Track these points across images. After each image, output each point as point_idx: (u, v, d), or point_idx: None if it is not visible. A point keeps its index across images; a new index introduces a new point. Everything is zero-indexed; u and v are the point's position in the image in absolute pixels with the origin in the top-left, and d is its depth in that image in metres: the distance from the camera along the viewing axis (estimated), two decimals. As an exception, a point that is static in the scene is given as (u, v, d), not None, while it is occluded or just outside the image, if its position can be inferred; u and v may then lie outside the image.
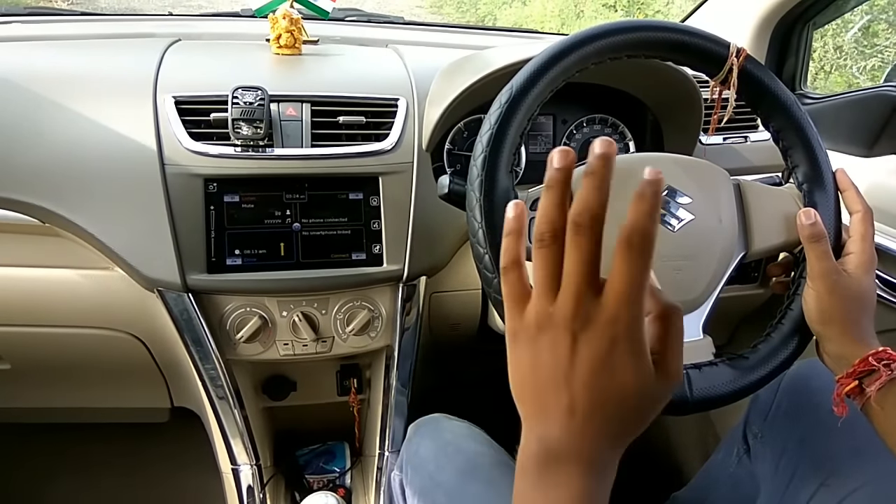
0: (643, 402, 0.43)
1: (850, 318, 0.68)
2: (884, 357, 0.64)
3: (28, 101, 0.97)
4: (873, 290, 0.69)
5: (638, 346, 0.41)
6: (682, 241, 0.72)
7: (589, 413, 0.42)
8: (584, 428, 0.42)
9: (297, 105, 1.00)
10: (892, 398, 0.63)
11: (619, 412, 0.42)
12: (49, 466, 1.49)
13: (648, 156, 0.79)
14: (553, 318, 0.42)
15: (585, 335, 0.41)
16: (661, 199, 0.43)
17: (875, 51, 3.43)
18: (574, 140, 1.18)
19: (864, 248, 0.70)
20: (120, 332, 1.05)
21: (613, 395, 0.42)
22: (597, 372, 0.41)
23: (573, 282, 0.42)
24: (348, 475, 1.23)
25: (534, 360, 0.43)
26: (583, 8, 5.91)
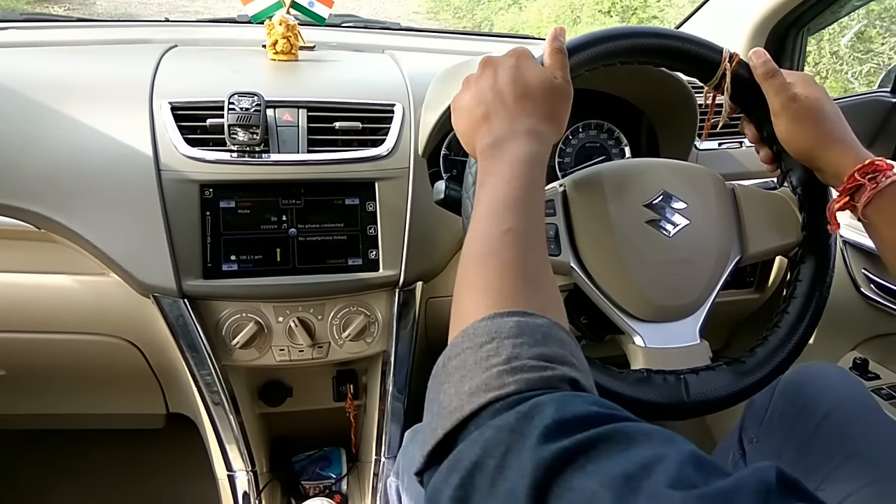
0: (552, 92, 0.62)
1: (825, 135, 0.69)
2: (869, 170, 0.65)
3: (24, 107, 0.97)
4: (829, 101, 0.70)
5: (534, 60, 0.64)
6: (678, 245, 0.72)
7: (518, 98, 0.60)
8: (516, 110, 0.59)
9: (294, 111, 1.00)
10: (877, 209, 0.64)
11: (540, 95, 0.60)
12: (45, 473, 1.49)
13: (643, 161, 0.79)
14: (482, 64, 0.64)
15: (500, 63, 0.62)
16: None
17: (870, 56, 3.44)
18: (570, 145, 1.18)
19: (795, 72, 0.72)
20: (115, 338, 1.05)
21: (528, 83, 0.61)
22: (512, 75, 0.61)
23: None
24: (344, 481, 1.22)
25: (475, 94, 0.62)
26: (579, 14, 5.93)
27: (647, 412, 0.68)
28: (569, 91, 0.64)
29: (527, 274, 0.47)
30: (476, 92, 0.62)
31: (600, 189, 0.73)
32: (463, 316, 0.45)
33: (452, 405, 0.39)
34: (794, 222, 0.77)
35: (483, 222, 0.51)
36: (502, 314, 0.43)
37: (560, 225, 0.72)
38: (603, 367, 0.68)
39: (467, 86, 0.64)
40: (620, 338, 0.75)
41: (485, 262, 0.48)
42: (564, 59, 0.65)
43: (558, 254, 0.71)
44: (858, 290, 1.14)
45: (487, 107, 0.60)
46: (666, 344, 0.72)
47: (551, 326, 0.43)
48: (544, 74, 0.62)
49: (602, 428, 0.34)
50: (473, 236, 0.51)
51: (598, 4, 5.85)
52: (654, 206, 0.73)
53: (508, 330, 0.41)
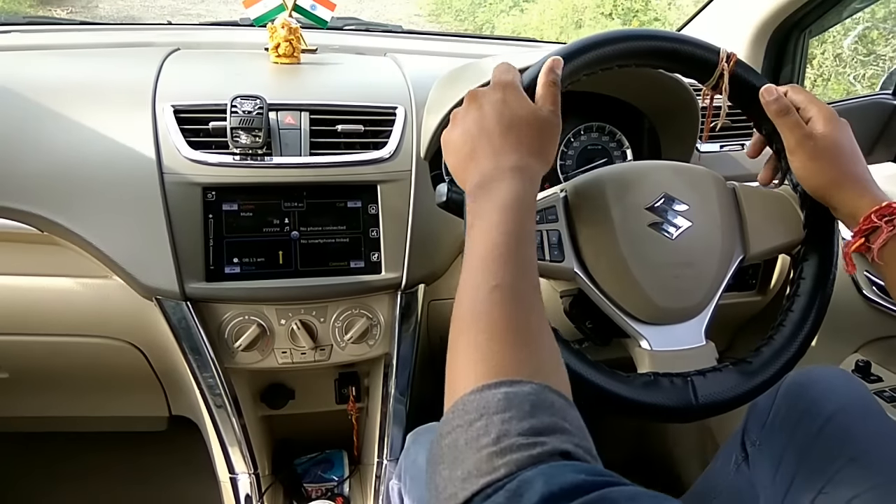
0: (540, 126, 0.61)
1: (842, 174, 0.68)
2: (886, 213, 0.64)
3: (27, 110, 0.97)
4: (851, 140, 0.69)
5: (521, 92, 0.63)
6: (681, 247, 0.72)
7: (503, 133, 0.59)
8: (502, 146, 0.59)
9: (296, 113, 1.00)
10: (893, 252, 0.63)
11: (526, 129, 0.60)
12: (47, 475, 1.49)
13: (644, 164, 0.79)
14: (468, 98, 0.63)
15: (486, 97, 0.62)
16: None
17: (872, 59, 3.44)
18: (572, 148, 1.18)
19: (818, 106, 0.70)
20: (118, 340, 1.05)
21: (516, 119, 0.60)
22: (499, 109, 0.60)
23: None
24: (346, 484, 1.22)
25: (462, 131, 0.62)
26: (581, 16, 5.94)
27: (655, 415, 0.68)
28: (557, 124, 0.63)
29: (515, 334, 0.46)
30: (463, 128, 0.62)
31: (602, 193, 0.73)
32: (454, 385, 0.45)
33: (448, 491, 0.40)
34: (796, 220, 0.76)
35: (471, 277, 0.51)
36: (490, 386, 0.43)
37: (563, 230, 0.72)
38: (610, 371, 0.68)
39: (454, 121, 0.64)
40: (626, 341, 0.75)
41: (473, 325, 0.48)
42: (557, 94, 0.64)
43: (562, 260, 0.71)
44: (861, 292, 1.14)
45: (474, 143, 0.60)
46: (672, 346, 0.72)
47: (540, 392, 0.43)
48: (531, 107, 0.62)
49: (589, 496, 0.34)
50: (462, 293, 0.51)
51: (599, 7, 5.85)
52: (655, 209, 0.73)
53: (496, 404, 0.41)
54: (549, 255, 0.70)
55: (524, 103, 0.62)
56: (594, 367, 0.67)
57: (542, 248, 0.70)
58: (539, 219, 0.70)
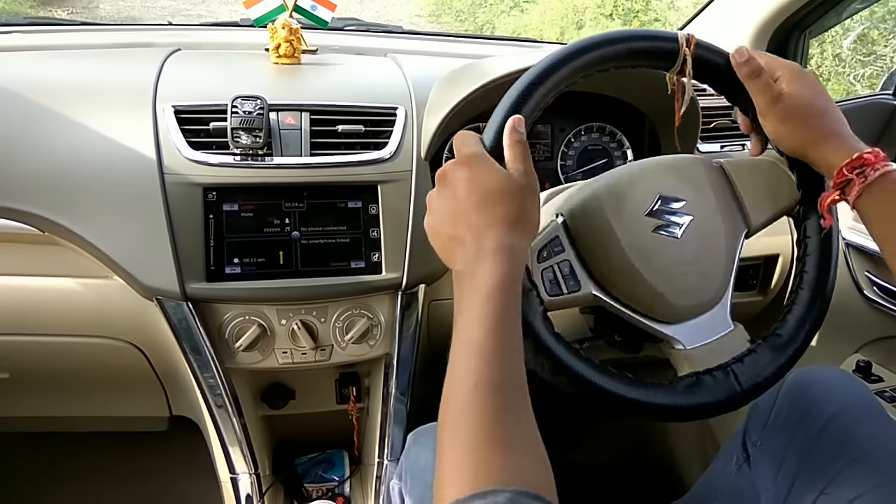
0: (514, 193, 0.58)
1: (814, 132, 0.68)
2: (857, 165, 0.64)
3: (28, 111, 0.97)
4: (819, 94, 0.68)
5: (488, 161, 0.60)
6: (689, 242, 0.72)
7: (478, 211, 0.57)
8: (480, 224, 0.57)
9: (297, 114, 1.00)
10: (867, 203, 0.64)
11: (500, 202, 0.57)
12: (48, 475, 1.49)
13: (632, 169, 0.77)
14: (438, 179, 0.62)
15: (454, 176, 0.60)
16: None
17: (872, 58, 3.44)
18: (572, 148, 1.18)
19: (783, 65, 0.70)
20: (118, 340, 1.05)
21: (487, 193, 0.58)
22: (468, 187, 0.58)
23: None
24: (347, 484, 1.22)
25: (438, 217, 0.60)
26: (582, 17, 5.94)
27: (705, 414, 0.69)
28: (534, 185, 0.61)
29: (493, 437, 0.46)
30: (438, 213, 0.61)
31: (599, 211, 0.72)
32: (437, 491, 0.45)
33: None
34: (789, 182, 0.76)
35: (453, 375, 0.51)
36: (463, 501, 0.42)
37: (572, 259, 0.71)
38: (652, 385, 0.68)
39: (430, 207, 0.62)
40: (660, 346, 0.75)
41: (453, 428, 0.48)
42: (525, 151, 0.62)
43: (579, 289, 0.70)
44: (861, 292, 1.14)
45: (451, 228, 0.59)
46: (704, 339, 0.72)
47: (516, 499, 0.42)
48: (501, 176, 0.59)
49: None
50: (445, 391, 0.50)
51: (600, 7, 5.85)
52: (655, 213, 0.72)
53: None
54: (565, 287, 0.70)
55: (493, 174, 0.59)
56: (634, 384, 0.67)
57: (557, 283, 0.70)
58: (546, 254, 0.70)
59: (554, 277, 0.70)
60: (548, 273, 0.70)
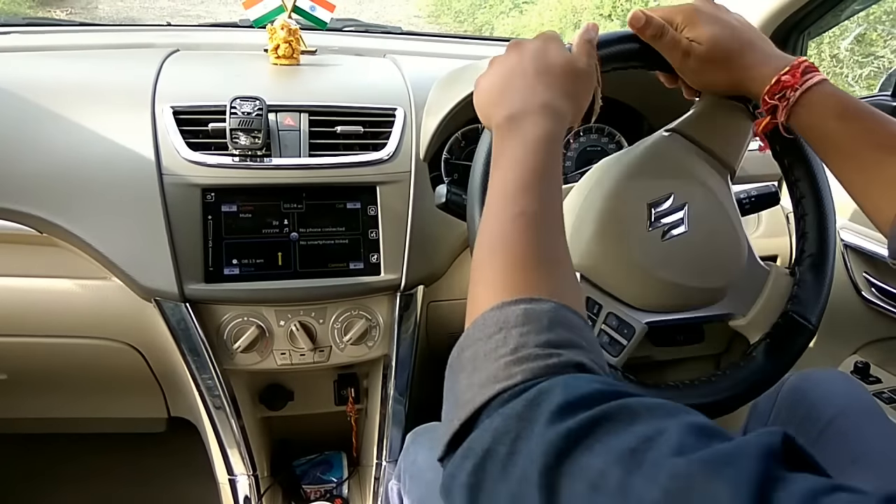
0: (575, 74, 0.61)
1: (732, 70, 0.67)
2: (776, 90, 0.64)
3: (26, 112, 0.97)
4: (722, 26, 0.67)
5: (561, 43, 0.63)
6: (698, 227, 0.72)
7: (538, 73, 0.59)
8: (535, 83, 0.59)
9: (295, 115, 1.00)
10: (798, 124, 0.65)
11: (561, 74, 0.60)
12: (46, 476, 1.49)
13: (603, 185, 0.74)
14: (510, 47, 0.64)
15: (526, 44, 0.63)
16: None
17: (870, 59, 3.45)
18: (571, 150, 1.18)
19: (676, 11, 0.68)
20: (117, 342, 1.05)
21: (552, 64, 0.60)
22: (537, 55, 0.61)
23: None
24: (346, 485, 1.22)
25: (497, 72, 0.63)
26: (580, 17, 5.94)
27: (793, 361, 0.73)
28: (592, 76, 0.64)
29: (536, 258, 0.47)
30: (498, 69, 0.63)
31: (606, 253, 0.71)
32: (476, 305, 0.46)
33: (466, 397, 0.41)
34: (739, 110, 0.74)
35: (495, 206, 0.52)
36: (510, 303, 0.44)
37: (612, 308, 0.71)
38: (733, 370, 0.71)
39: (491, 65, 0.64)
40: (728, 325, 0.76)
41: (496, 250, 0.49)
42: (592, 50, 0.64)
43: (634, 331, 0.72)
44: (859, 293, 1.14)
45: (506, 82, 0.61)
46: (755, 297, 0.75)
47: (558, 310, 0.44)
48: (569, 56, 0.62)
49: (606, 406, 0.35)
50: (486, 221, 0.51)
51: (599, 8, 5.86)
52: (655, 223, 0.71)
53: (515, 318, 0.42)
54: (623, 338, 0.71)
55: (563, 53, 0.62)
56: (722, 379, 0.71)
57: (615, 341, 0.71)
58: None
59: (609, 338, 0.70)
60: (602, 338, 0.71)
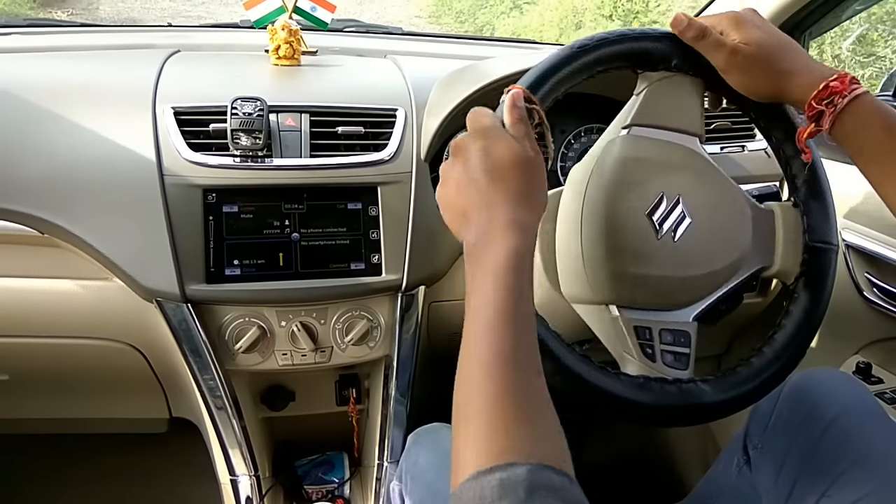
0: (525, 166, 0.58)
1: (777, 73, 0.67)
2: (824, 96, 0.64)
3: (27, 113, 0.97)
4: (769, 32, 0.68)
5: (502, 133, 0.60)
6: (701, 215, 0.71)
7: (492, 182, 0.57)
8: (492, 196, 0.56)
9: (296, 115, 1.00)
10: (842, 131, 0.64)
11: (512, 176, 0.57)
12: (47, 477, 1.49)
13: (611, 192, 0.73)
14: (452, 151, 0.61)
15: (469, 148, 0.59)
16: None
17: (872, 60, 3.44)
18: (572, 150, 1.18)
19: (720, 16, 0.69)
20: (118, 342, 1.05)
21: (502, 166, 0.57)
22: (480, 157, 0.58)
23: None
24: (347, 485, 1.22)
25: (451, 188, 0.60)
26: (581, 18, 5.94)
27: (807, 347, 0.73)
28: (541, 162, 0.61)
29: (511, 409, 0.46)
30: (452, 184, 0.60)
31: (633, 280, 0.71)
32: (455, 465, 0.46)
33: None
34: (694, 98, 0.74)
35: (468, 348, 0.51)
36: (484, 472, 0.43)
37: (662, 326, 0.71)
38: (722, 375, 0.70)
39: (443, 178, 0.62)
40: (727, 325, 0.76)
41: (469, 401, 0.48)
42: (528, 129, 0.62)
43: (688, 335, 0.72)
44: (861, 293, 1.14)
45: (464, 200, 0.58)
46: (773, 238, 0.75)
47: (536, 473, 0.42)
48: (514, 149, 0.59)
49: None
50: (461, 364, 0.51)
51: (599, 8, 5.86)
52: (660, 229, 0.71)
53: (491, 492, 0.42)
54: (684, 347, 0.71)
55: (506, 145, 0.59)
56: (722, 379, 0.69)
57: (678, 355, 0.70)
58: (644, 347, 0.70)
59: (674, 355, 0.70)
60: (666, 358, 0.70)
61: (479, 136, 0.60)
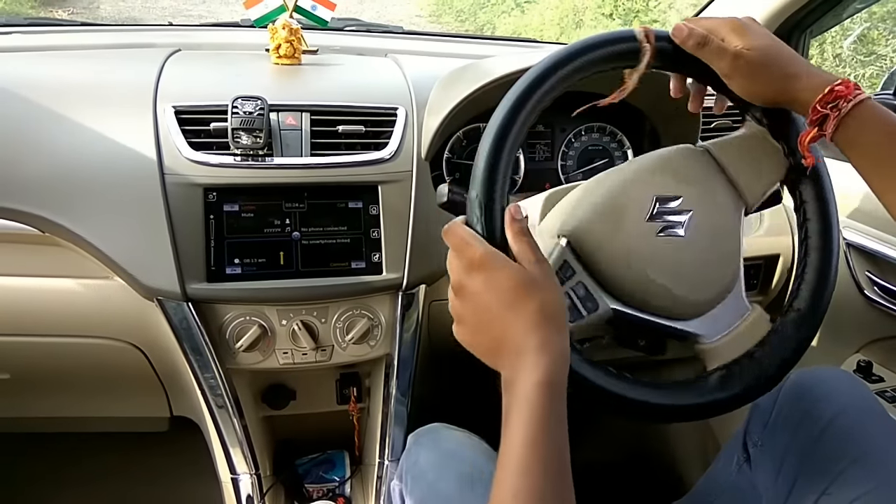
0: (536, 286, 0.57)
1: (780, 77, 0.67)
2: (829, 99, 0.64)
3: (29, 112, 0.97)
4: (770, 38, 0.68)
5: (499, 258, 0.58)
6: (695, 238, 0.72)
7: (505, 312, 0.56)
8: (516, 327, 0.55)
9: (297, 114, 1.00)
10: (845, 136, 0.64)
11: (526, 297, 0.56)
12: (48, 476, 1.49)
13: (622, 176, 0.75)
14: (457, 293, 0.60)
15: (467, 283, 0.59)
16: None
17: (873, 59, 3.44)
18: (573, 148, 1.18)
19: (720, 22, 0.69)
20: (119, 341, 1.05)
21: (510, 291, 0.56)
22: (488, 290, 0.57)
23: None
24: (348, 484, 1.22)
25: (471, 328, 0.60)
26: (582, 17, 5.94)
27: (740, 403, 0.70)
28: (548, 269, 0.60)
29: None
30: (470, 324, 0.60)
31: (601, 227, 0.72)
32: None
33: None
34: (775, 151, 0.75)
35: (498, 486, 0.52)
36: None
37: (584, 279, 0.70)
38: (684, 384, 0.69)
39: (458, 318, 0.61)
40: (686, 343, 0.75)
41: None
42: (530, 240, 0.60)
43: (597, 308, 0.70)
44: (862, 292, 1.14)
45: (488, 335, 0.58)
46: (728, 328, 0.72)
47: None
48: (517, 271, 0.58)
49: None
50: (498, 489, 0.51)
51: (600, 8, 5.86)
52: (656, 217, 0.71)
53: None
54: (584, 310, 0.70)
55: (509, 271, 0.57)
56: (661, 388, 0.68)
57: (576, 308, 0.69)
58: (559, 280, 0.69)
59: (571, 304, 0.69)
60: (565, 299, 0.69)
61: (475, 269, 0.58)
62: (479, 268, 0.58)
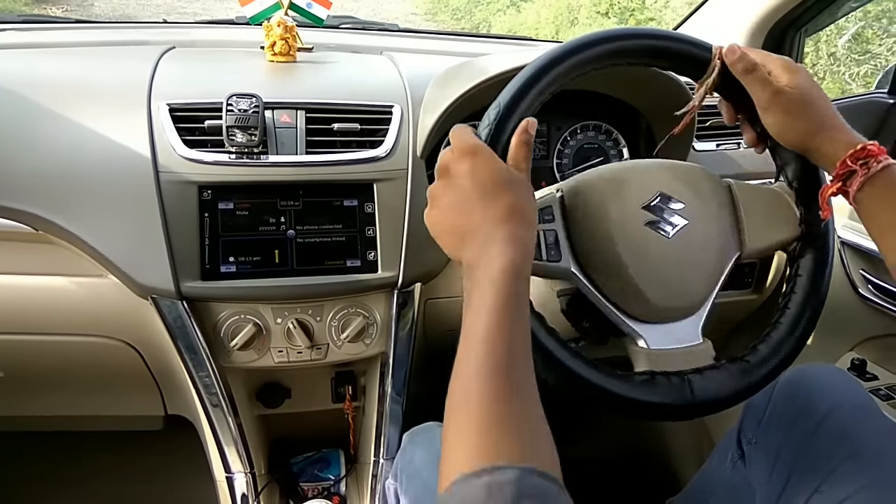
0: (515, 185, 0.60)
1: (816, 123, 0.68)
2: (861, 156, 0.65)
3: (22, 109, 0.97)
4: (815, 86, 0.69)
5: (489, 153, 0.61)
6: (678, 246, 0.72)
7: (486, 201, 0.58)
8: (488, 215, 0.57)
9: (292, 112, 1.00)
10: (869, 194, 0.65)
11: (504, 192, 0.58)
12: (42, 475, 1.48)
13: (639, 163, 0.79)
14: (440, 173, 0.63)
15: (457, 170, 0.60)
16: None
17: (867, 57, 3.45)
18: (568, 146, 1.18)
19: (775, 59, 0.70)
20: (113, 339, 1.05)
21: (491, 182, 0.59)
22: (471, 178, 0.59)
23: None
24: (343, 483, 1.22)
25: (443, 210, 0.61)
26: (577, 15, 5.94)
27: (652, 414, 0.68)
28: (527, 183, 0.62)
29: (502, 417, 0.46)
30: (442, 205, 0.61)
31: (598, 193, 0.73)
32: (443, 469, 0.46)
33: None
34: (792, 217, 0.76)
35: (462, 359, 0.51)
36: (471, 475, 0.42)
37: (559, 230, 0.71)
38: (608, 370, 0.68)
39: (433, 201, 0.62)
40: (623, 340, 0.74)
41: (460, 410, 0.48)
42: (529, 154, 0.64)
43: (559, 259, 0.70)
44: (856, 290, 1.14)
45: (458, 220, 0.59)
46: (669, 345, 0.72)
47: (524, 477, 0.42)
48: (503, 168, 0.61)
49: None
50: (454, 376, 0.51)
51: (595, 6, 5.86)
52: (652, 208, 0.72)
53: (477, 493, 0.41)
54: (546, 255, 0.70)
55: (495, 166, 0.60)
56: (591, 365, 0.67)
57: (539, 249, 0.70)
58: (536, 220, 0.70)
59: (537, 243, 0.69)
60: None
61: (465, 155, 0.61)
62: (469, 155, 0.61)
